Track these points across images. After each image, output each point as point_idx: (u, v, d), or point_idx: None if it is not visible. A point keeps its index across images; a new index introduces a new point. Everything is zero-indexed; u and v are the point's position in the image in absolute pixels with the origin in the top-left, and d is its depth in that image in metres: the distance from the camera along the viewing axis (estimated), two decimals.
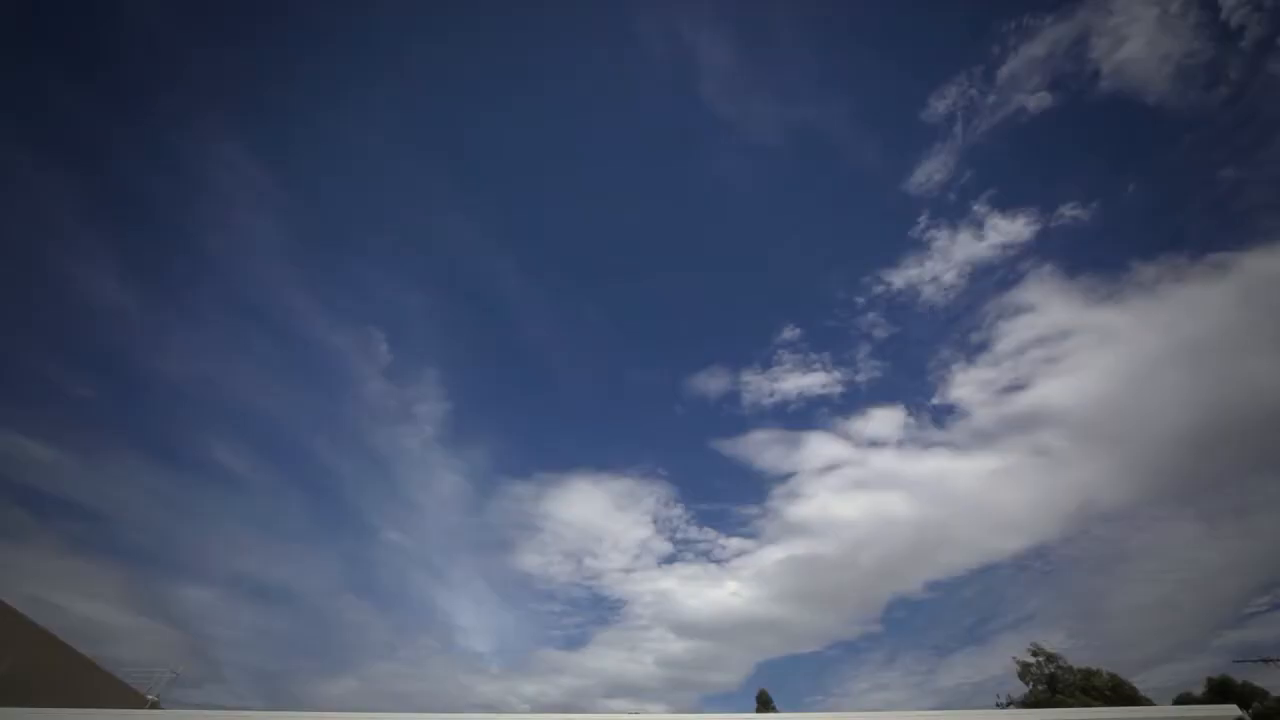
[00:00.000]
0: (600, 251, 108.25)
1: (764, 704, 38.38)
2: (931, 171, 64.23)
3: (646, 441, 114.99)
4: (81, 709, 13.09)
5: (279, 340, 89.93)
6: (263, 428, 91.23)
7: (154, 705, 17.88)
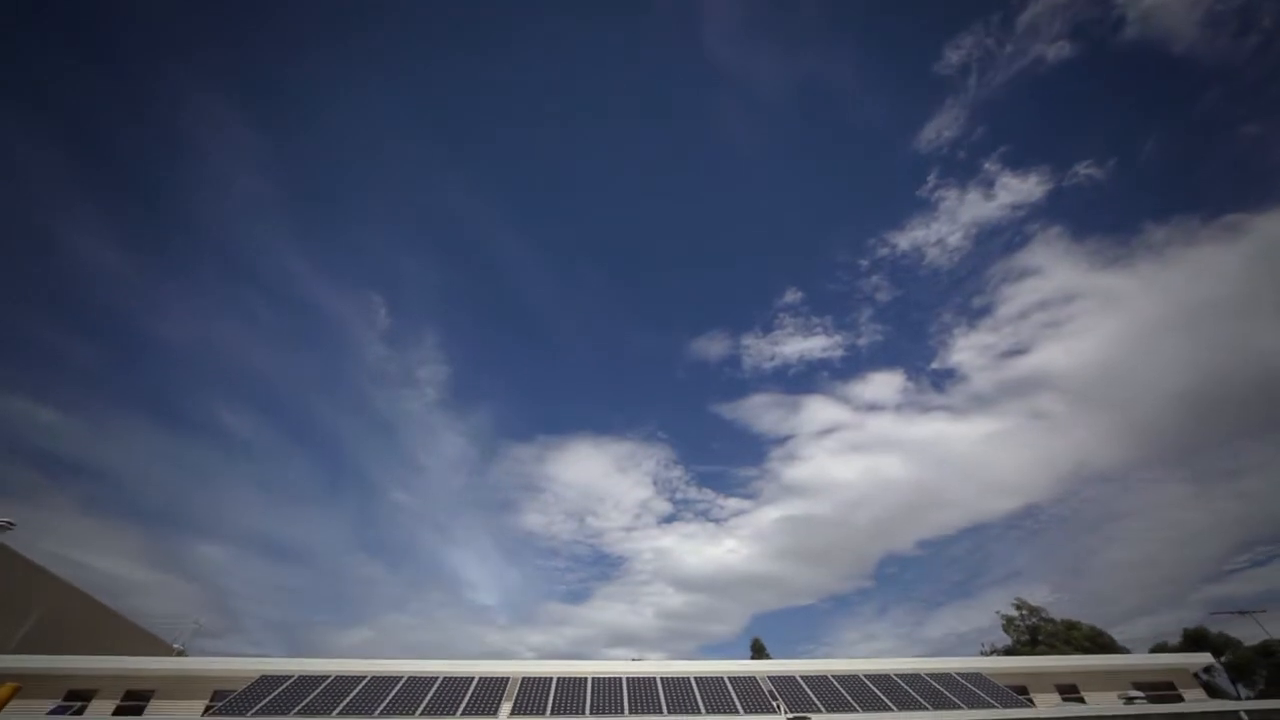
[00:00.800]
0: (601, 214, 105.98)
1: (758, 651, 40.31)
2: (942, 127, 61.75)
3: (647, 405, 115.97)
4: (112, 655, 13.80)
5: (277, 305, 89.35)
6: (264, 391, 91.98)
7: (180, 654, 18.83)
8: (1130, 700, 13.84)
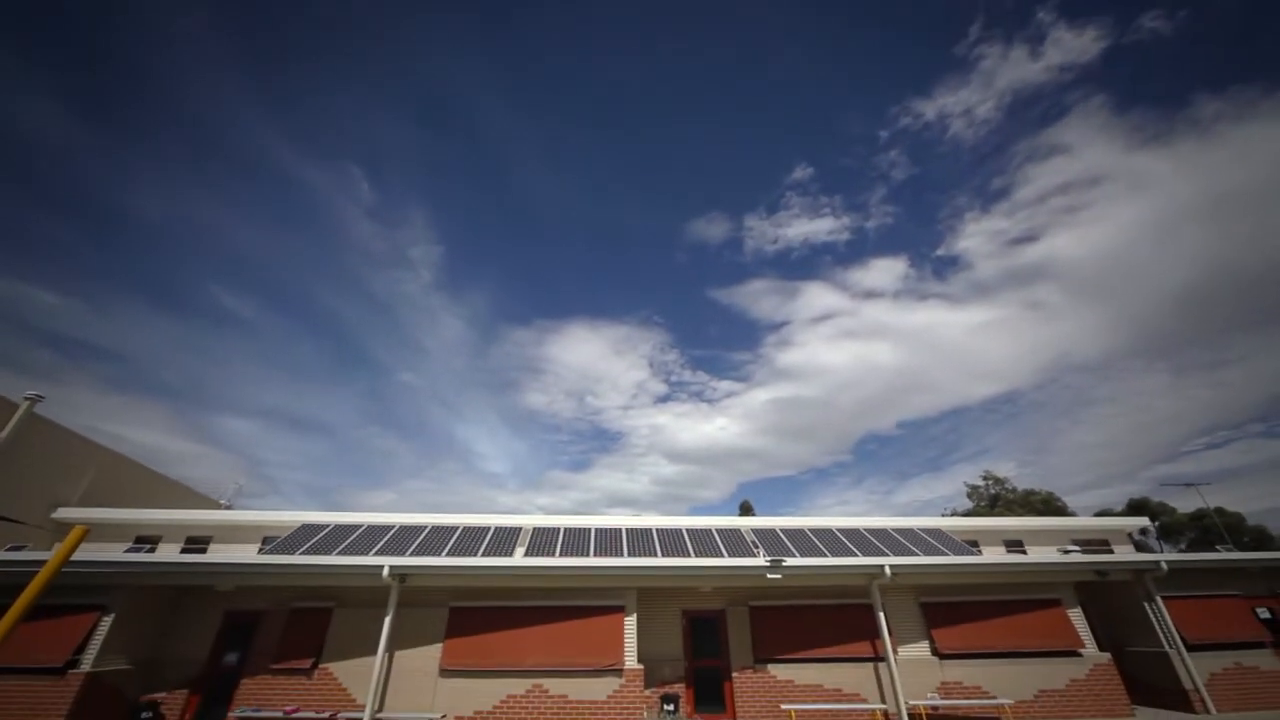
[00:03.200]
0: (599, 85, 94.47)
1: (746, 511, 44.96)
2: None
3: (645, 289, 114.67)
4: (167, 509, 15.45)
5: (249, 177, 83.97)
6: (257, 271, 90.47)
7: (228, 509, 21.04)
8: (1066, 552, 15.84)
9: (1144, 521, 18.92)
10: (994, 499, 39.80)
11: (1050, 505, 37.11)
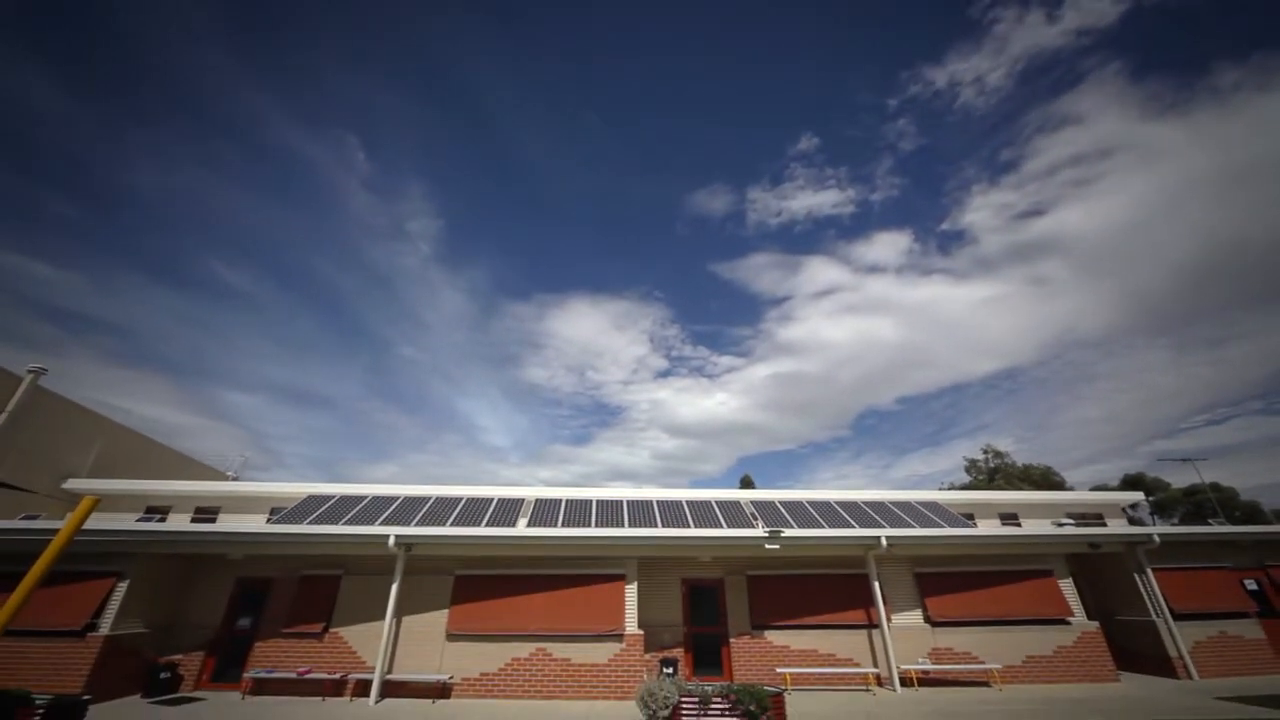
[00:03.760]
0: (599, 52, 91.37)
1: (746, 485, 45.59)
2: None
3: (645, 263, 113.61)
4: (175, 480, 15.71)
5: (244, 148, 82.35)
6: (254, 243, 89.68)
7: (235, 480, 21.37)
8: (1060, 525, 16.10)
9: (1138, 496, 19.14)
10: (992, 473, 40.23)
11: (1048, 480, 37.53)
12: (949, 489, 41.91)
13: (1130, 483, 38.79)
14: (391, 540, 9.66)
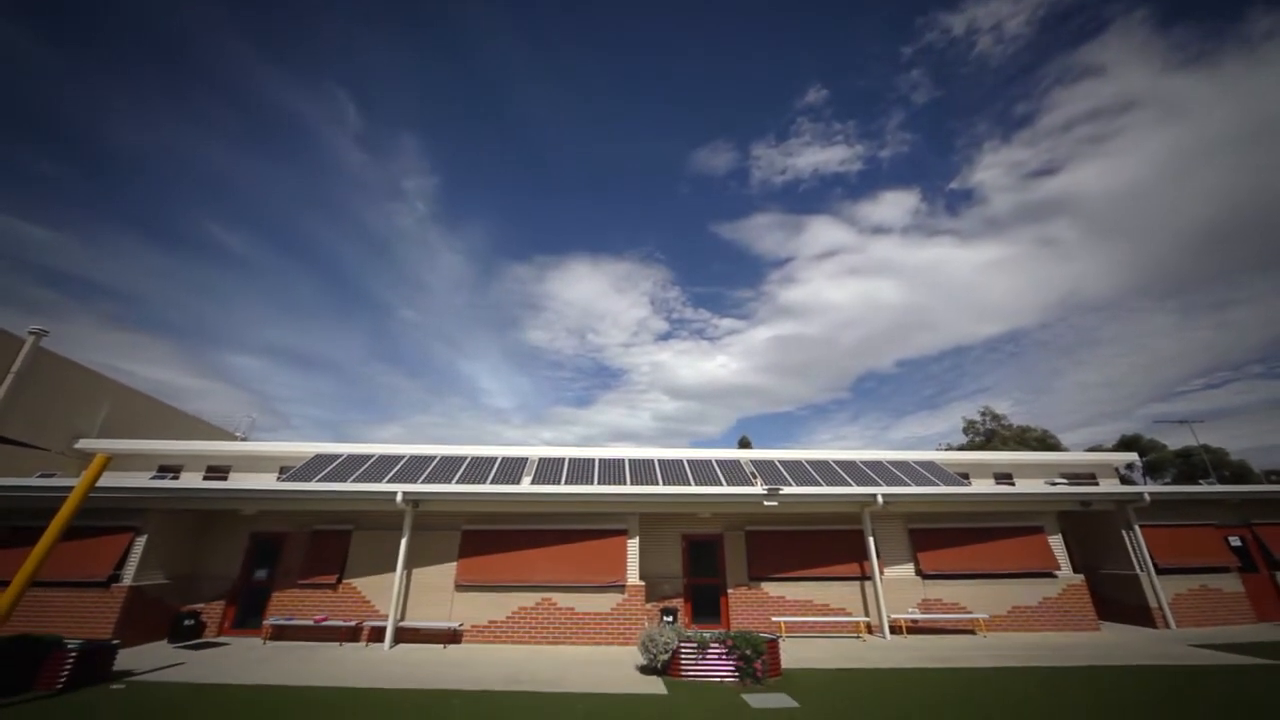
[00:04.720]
0: (601, 1, 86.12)
1: (744, 446, 46.35)
2: None
3: (646, 223, 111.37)
4: (186, 440, 16.01)
5: (228, 99, 79.36)
6: (247, 203, 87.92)
7: (244, 441, 21.77)
8: (1053, 484, 16.42)
9: (1131, 457, 19.43)
10: (989, 434, 40.73)
11: (1045, 442, 38.02)
12: (946, 449, 42.49)
13: (1126, 444, 39.29)
14: (399, 497, 9.92)
